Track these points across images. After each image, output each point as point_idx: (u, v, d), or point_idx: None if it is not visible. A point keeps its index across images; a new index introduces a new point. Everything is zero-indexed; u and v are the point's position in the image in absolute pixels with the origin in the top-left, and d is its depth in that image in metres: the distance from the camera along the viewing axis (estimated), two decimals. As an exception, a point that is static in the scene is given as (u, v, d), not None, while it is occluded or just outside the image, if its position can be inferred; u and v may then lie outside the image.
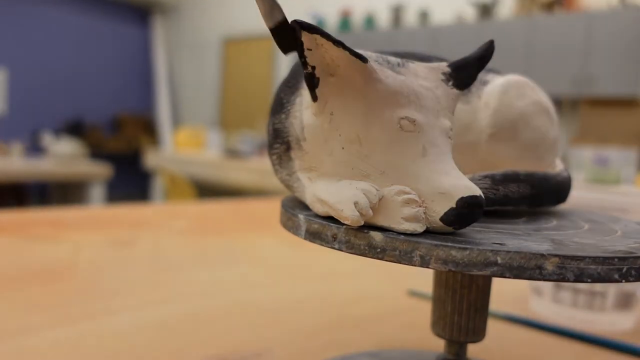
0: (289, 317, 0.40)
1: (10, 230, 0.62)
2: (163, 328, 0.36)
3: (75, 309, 0.38)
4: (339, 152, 0.21)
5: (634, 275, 0.18)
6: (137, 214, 0.79)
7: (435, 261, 0.18)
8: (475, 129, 0.25)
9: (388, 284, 0.50)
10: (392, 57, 0.23)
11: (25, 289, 0.42)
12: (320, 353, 0.34)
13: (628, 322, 0.42)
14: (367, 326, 0.39)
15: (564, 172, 0.28)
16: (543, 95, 0.27)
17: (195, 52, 5.45)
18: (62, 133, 4.55)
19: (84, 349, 0.32)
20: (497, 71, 0.28)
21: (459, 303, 0.25)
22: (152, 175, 3.53)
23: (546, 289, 0.44)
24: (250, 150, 3.08)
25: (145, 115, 5.51)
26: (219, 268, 0.52)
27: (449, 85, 0.22)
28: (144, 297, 0.42)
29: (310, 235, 0.21)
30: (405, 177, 0.20)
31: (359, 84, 0.20)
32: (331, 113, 0.21)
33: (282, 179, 0.25)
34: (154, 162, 3.22)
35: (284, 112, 0.23)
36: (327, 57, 0.20)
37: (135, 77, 5.55)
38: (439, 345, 0.35)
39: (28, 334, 0.33)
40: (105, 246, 0.57)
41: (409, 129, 0.20)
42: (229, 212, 0.88)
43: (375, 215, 0.20)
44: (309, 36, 0.19)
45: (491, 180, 0.24)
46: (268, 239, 0.67)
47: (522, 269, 0.18)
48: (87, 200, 2.97)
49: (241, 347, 0.34)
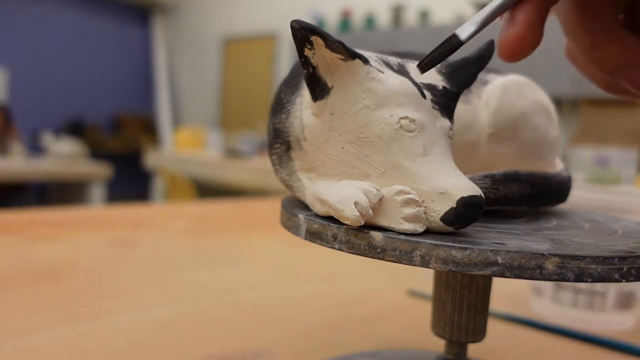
0: (289, 317, 0.40)
1: (10, 230, 0.62)
2: (163, 328, 0.36)
3: (75, 309, 0.38)
4: (339, 152, 0.21)
5: (634, 275, 0.18)
6: (137, 214, 0.79)
7: (435, 261, 0.18)
8: (476, 129, 0.25)
9: (388, 284, 0.50)
10: (392, 57, 0.23)
11: (25, 289, 0.42)
12: (320, 353, 0.34)
13: (628, 322, 0.42)
14: (367, 326, 0.39)
15: (564, 171, 0.28)
16: (543, 94, 0.27)
17: (195, 52, 5.44)
18: (62, 133, 4.55)
19: (84, 348, 0.32)
20: (497, 71, 0.28)
21: (459, 303, 0.25)
22: (152, 175, 3.52)
23: (546, 289, 0.44)
24: (250, 150, 3.08)
25: (145, 115, 5.51)
26: (219, 268, 0.52)
27: (449, 85, 0.22)
28: (143, 297, 0.42)
29: (311, 235, 0.21)
30: (405, 177, 0.20)
31: (359, 84, 0.20)
32: (331, 113, 0.21)
33: (283, 179, 0.25)
34: (154, 162, 3.22)
35: (284, 112, 0.23)
36: (327, 58, 0.20)
37: (135, 77, 5.55)
38: (439, 345, 0.35)
39: (28, 334, 0.33)
40: (105, 246, 0.57)
41: (409, 128, 0.20)
42: (229, 212, 0.88)
43: (376, 215, 0.20)
44: (309, 37, 0.19)
45: (491, 180, 0.24)
46: (268, 239, 0.67)
47: (522, 268, 0.18)
48: (87, 200, 2.97)
49: (241, 347, 0.34)
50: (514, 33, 0.18)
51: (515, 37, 0.18)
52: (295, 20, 0.19)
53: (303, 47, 0.20)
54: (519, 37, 0.18)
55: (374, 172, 0.20)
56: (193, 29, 5.48)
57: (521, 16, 0.18)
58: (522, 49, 0.18)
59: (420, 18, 3.60)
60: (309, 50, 0.20)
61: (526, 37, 0.18)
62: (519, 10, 0.18)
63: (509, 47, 0.18)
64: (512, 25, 0.18)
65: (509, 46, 0.18)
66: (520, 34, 0.18)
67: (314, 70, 0.20)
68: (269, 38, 4.74)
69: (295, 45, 0.20)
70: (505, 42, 0.18)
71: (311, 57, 0.20)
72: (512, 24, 0.18)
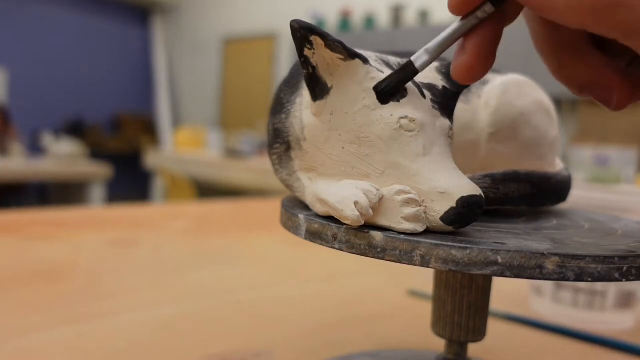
0: (289, 317, 0.40)
1: (10, 230, 0.62)
2: (163, 328, 0.36)
3: (75, 309, 0.38)
4: (339, 152, 0.21)
5: (634, 275, 0.18)
6: (137, 214, 0.79)
7: (435, 261, 0.18)
8: (476, 129, 0.25)
9: (388, 284, 0.50)
10: (392, 57, 0.23)
11: (25, 289, 0.42)
12: (320, 353, 0.34)
13: (628, 322, 0.42)
14: (367, 326, 0.39)
15: (564, 171, 0.28)
16: (543, 94, 0.27)
17: (195, 52, 5.44)
18: (62, 133, 4.54)
19: (84, 348, 0.32)
20: (497, 70, 0.28)
21: (460, 303, 0.25)
22: (152, 175, 3.52)
23: (546, 288, 0.44)
24: (250, 150, 3.08)
25: (145, 115, 5.51)
26: (219, 268, 0.52)
27: (449, 84, 0.22)
28: (143, 297, 0.42)
29: (311, 235, 0.21)
30: (405, 177, 0.20)
31: (358, 84, 0.20)
32: (331, 113, 0.21)
33: (282, 179, 0.25)
34: (154, 162, 3.22)
35: (284, 112, 0.23)
36: (327, 58, 0.20)
37: (135, 77, 5.54)
38: (439, 345, 0.35)
39: (28, 334, 0.33)
40: (105, 246, 0.57)
41: (409, 128, 0.20)
42: (229, 212, 0.88)
43: (376, 215, 0.19)
44: (309, 36, 0.19)
45: (491, 180, 0.24)
46: (268, 239, 0.67)
47: (522, 268, 0.18)
48: (87, 200, 2.97)
49: (241, 347, 0.34)
50: (463, 62, 0.19)
51: (464, 65, 0.19)
52: (295, 20, 0.19)
53: (303, 47, 0.20)
54: (467, 65, 0.19)
55: (374, 172, 0.20)
56: (193, 29, 5.48)
57: (471, 45, 0.19)
58: (471, 76, 0.19)
59: (420, 18, 3.60)
60: (308, 50, 0.20)
61: (474, 65, 0.19)
62: (469, 39, 0.19)
63: (459, 73, 0.19)
64: (462, 53, 0.19)
65: (459, 73, 0.19)
66: (469, 63, 0.19)
67: (314, 70, 0.20)
68: (269, 38, 4.74)
69: (295, 45, 0.20)
70: (456, 68, 0.19)
71: (311, 57, 0.20)
72: (462, 52, 0.19)
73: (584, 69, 0.19)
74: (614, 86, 0.19)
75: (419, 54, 0.20)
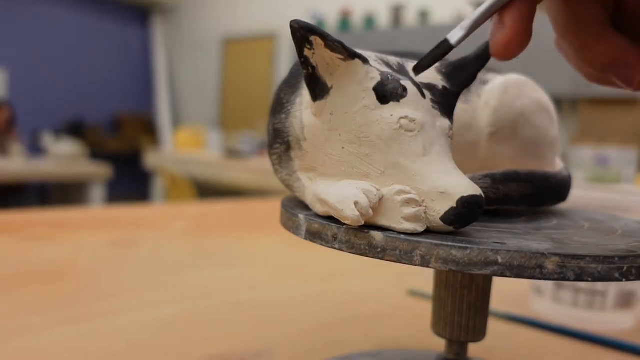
0: (289, 317, 0.40)
1: (10, 230, 0.62)
2: (163, 328, 0.36)
3: (75, 309, 0.38)
4: (339, 152, 0.21)
5: (635, 274, 0.18)
6: (137, 214, 0.79)
7: (435, 261, 0.18)
8: (475, 128, 0.25)
9: (388, 284, 0.50)
10: (392, 57, 0.23)
11: (25, 289, 0.42)
12: (320, 353, 0.34)
13: (628, 322, 0.42)
14: (367, 326, 0.39)
15: (564, 171, 0.28)
16: (543, 94, 0.27)
17: (195, 52, 5.44)
18: (62, 133, 4.54)
19: (84, 348, 0.32)
20: (496, 70, 0.28)
21: (460, 303, 0.25)
22: (152, 175, 3.52)
23: (547, 288, 0.44)
24: (250, 150, 3.08)
25: (145, 115, 5.51)
26: (219, 268, 0.52)
27: (449, 84, 0.22)
28: (143, 297, 0.42)
29: (311, 235, 0.21)
30: (405, 177, 0.20)
31: (358, 84, 0.20)
32: (331, 113, 0.21)
33: (282, 179, 0.25)
34: (154, 162, 3.22)
35: (284, 112, 0.23)
36: (327, 57, 0.20)
37: (135, 77, 5.54)
38: (439, 345, 0.35)
39: (28, 334, 0.33)
40: (105, 246, 0.57)
41: (409, 128, 0.20)
42: (229, 212, 0.88)
43: (376, 215, 0.19)
44: (309, 36, 0.19)
45: (491, 180, 0.24)
46: (268, 239, 0.67)
47: (522, 268, 0.18)
48: (87, 200, 2.97)
49: (241, 347, 0.34)
50: (503, 36, 0.19)
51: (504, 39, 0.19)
52: (295, 20, 0.19)
53: (303, 47, 0.20)
54: (508, 39, 0.19)
55: (374, 172, 0.20)
56: (193, 29, 5.48)
57: (509, 19, 0.19)
58: (512, 50, 0.19)
59: (419, 18, 3.60)
60: (308, 50, 0.20)
61: (514, 39, 0.19)
62: (507, 13, 0.19)
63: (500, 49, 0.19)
64: (501, 28, 0.19)
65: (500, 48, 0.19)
66: (508, 37, 0.19)
67: (314, 70, 0.20)
68: (269, 38, 4.74)
69: (294, 45, 0.20)
70: (496, 44, 0.19)
71: (311, 57, 0.20)
72: (501, 27, 0.19)
73: (607, 48, 0.20)
74: (637, 64, 0.19)
75: (454, 31, 0.20)
